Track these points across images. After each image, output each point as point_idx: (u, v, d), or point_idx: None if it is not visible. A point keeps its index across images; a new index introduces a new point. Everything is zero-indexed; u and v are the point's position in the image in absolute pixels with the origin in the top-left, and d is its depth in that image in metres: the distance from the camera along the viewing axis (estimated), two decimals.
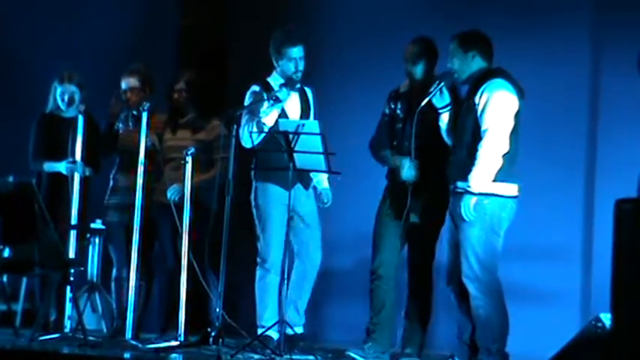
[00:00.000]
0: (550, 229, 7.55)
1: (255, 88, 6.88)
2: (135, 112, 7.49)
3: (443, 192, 6.37)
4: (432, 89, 6.32)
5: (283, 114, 6.81)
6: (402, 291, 6.67)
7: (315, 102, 6.97)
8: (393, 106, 6.74)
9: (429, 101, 6.35)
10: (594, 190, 7.59)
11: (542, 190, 7.51)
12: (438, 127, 6.42)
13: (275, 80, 6.87)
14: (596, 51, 7.62)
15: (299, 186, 6.76)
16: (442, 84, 6.32)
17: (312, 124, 6.52)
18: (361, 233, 6.78)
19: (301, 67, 6.82)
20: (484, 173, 6.10)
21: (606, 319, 5.93)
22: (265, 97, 6.76)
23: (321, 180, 6.91)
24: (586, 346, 5.89)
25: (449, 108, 6.36)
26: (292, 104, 6.88)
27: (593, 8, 7.60)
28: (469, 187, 6.11)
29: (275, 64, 6.86)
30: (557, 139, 7.57)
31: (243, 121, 6.78)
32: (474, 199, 6.11)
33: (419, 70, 6.61)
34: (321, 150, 6.47)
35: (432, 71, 6.64)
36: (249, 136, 6.72)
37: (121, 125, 7.52)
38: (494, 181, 6.14)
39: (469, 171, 6.11)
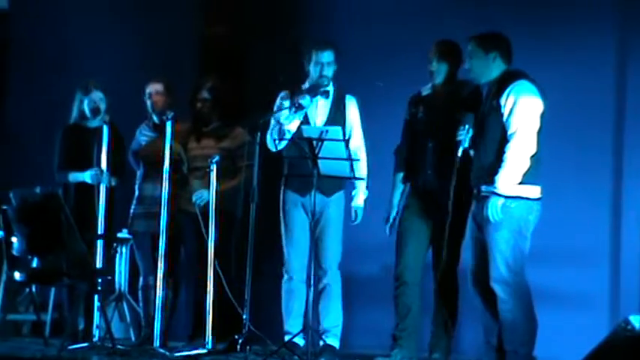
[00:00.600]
0: (578, 232, 7.51)
1: (283, 93, 6.89)
2: (156, 119, 7.54)
3: (465, 194, 6.35)
4: (460, 137, 6.26)
5: (305, 121, 6.80)
6: (427, 296, 6.65)
7: (355, 111, 6.89)
8: (414, 110, 6.73)
9: (457, 107, 6.31)
10: (622, 192, 7.55)
11: (570, 193, 7.47)
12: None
13: (306, 87, 6.87)
14: (622, 51, 7.58)
15: (317, 193, 6.72)
16: (468, 126, 6.29)
17: (336, 130, 6.51)
18: (385, 239, 6.76)
19: (327, 72, 6.81)
20: (512, 175, 6.08)
21: (636, 321, 5.89)
22: (289, 103, 6.77)
23: (357, 196, 6.88)
24: (615, 349, 5.85)
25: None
26: (319, 111, 6.87)
27: (618, 7, 7.56)
28: (496, 189, 6.09)
29: (305, 69, 6.87)
30: (584, 141, 7.53)
31: (270, 126, 6.80)
32: (500, 200, 6.08)
33: (442, 72, 6.60)
34: (344, 156, 6.46)
35: (456, 73, 6.63)
36: (272, 142, 6.75)
37: (142, 138, 7.57)
38: (520, 183, 6.11)
39: (495, 174, 6.09)
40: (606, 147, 7.59)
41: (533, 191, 6.17)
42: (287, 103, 6.79)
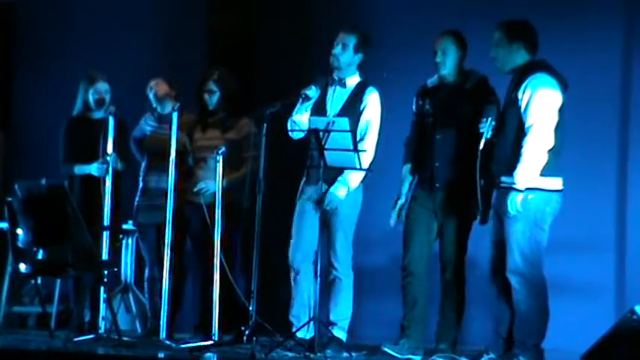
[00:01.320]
0: (583, 222, 7.51)
1: (307, 87, 6.82)
2: (159, 110, 7.54)
3: (473, 186, 6.35)
4: (483, 128, 6.25)
5: (322, 111, 6.78)
6: (434, 287, 6.66)
7: (374, 104, 6.76)
8: (421, 102, 6.72)
9: (463, 98, 6.30)
10: (627, 182, 7.56)
11: (575, 183, 7.44)
12: (468, 121, 6.40)
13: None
14: (628, 42, 7.59)
15: (325, 185, 6.70)
16: (490, 119, 6.27)
17: (342, 121, 6.49)
18: (392, 230, 6.76)
19: (335, 50, 6.72)
20: (529, 170, 6.07)
21: None
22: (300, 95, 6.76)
23: (339, 187, 6.71)
24: (622, 339, 5.87)
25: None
26: (335, 101, 6.84)
27: None
28: (514, 183, 6.08)
29: None
30: (588, 130, 7.52)
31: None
32: (520, 195, 6.07)
33: (449, 62, 6.59)
34: (351, 147, 6.45)
35: (462, 64, 6.62)
36: (290, 133, 6.77)
37: (147, 127, 7.57)
38: (539, 175, 6.10)
39: (514, 166, 6.08)
40: (611, 137, 7.60)
41: (553, 183, 6.16)
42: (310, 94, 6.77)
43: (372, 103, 6.79)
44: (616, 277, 7.51)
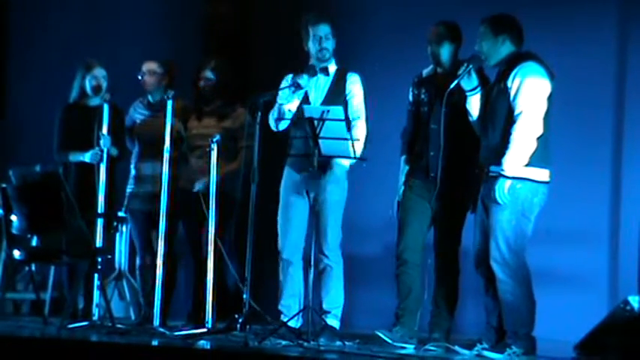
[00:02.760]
0: (577, 212, 7.53)
1: (288, 76, 6.86)
2: (150, 98, 7.53)
3: (469, 176, 6.36)
4: (460, 71, 6.30)
5: (305, 99, 6.79)
6: (429, 276, 6.66)
7: (358, 88, 6.81)
8: (416, 92, 6.72)
9: (457, 83, 6.31)
10: (621, 173, 7.56)
11: (569, 173, 7.47)
12: (464, 110, 6.40)
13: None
14: (623, 29, 7.58)
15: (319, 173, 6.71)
16: (470, 66, 6.29)
17: (337, 110, 6.50)
18: (387, 219, 6.77)
19: (326, 45, 6.78)
20: (518, 156, 6.08)
21: (634, 301, 5.93)
22: (289, 83, 6.77)
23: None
24: (614, 329, 5.88)
25: (477, 90, 6.33)
26: (318, 89, 6.86)
27: None
28: (503, 170, 6.09)
29: (305, 47, 6.85)
30: (583, 120, 7.54)
31: (275, 106, 6.79)
32: (508, 182, 6.09)
33: (443, 53, 6.59)
34: (345, 136, 6.46)
35: (457, 54, 6.63)
36: (273, 122, 6.76)
37: (137, 115, 7.57)
38: (527, 165, 6.11)
39: (502, 155, 6.10)
40: (606, 127, 7.61)
41: (541, 174, 6.17)
42: (286, 83, 6.78)
43: (356, 87, 6.83)
44: (609, 268, 7.53)
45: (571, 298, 7.42)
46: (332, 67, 6.89)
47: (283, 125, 6.79)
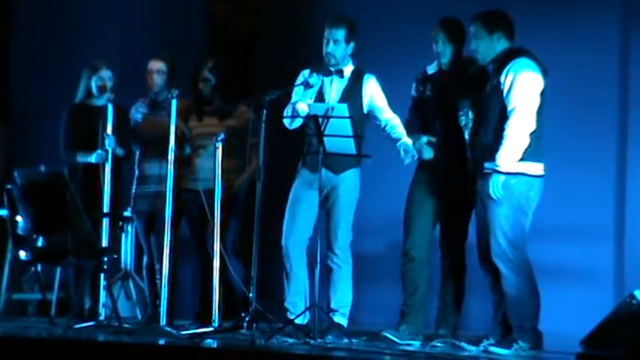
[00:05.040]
0: (583, 207, 7.54)
1: (305, 71, 6.85)
2: (153, 97, 7.54)
3: (474, 172, 6.37)
4: (462, 122, 6.33)
5: (320, 99, 6.78)
6: (434, 272, 6.67)
7: (376, 89, 6.79)
8: (421, 89, 6.72)
9: (463, 85, 6.31)
10: (626, 167, 7.57)
11: (575, 168, 7.50)
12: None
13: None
14: (626, 26, 7.58)
15: (326, 171, 6.71)
16: (465, 110, 6.31)
17: (342, 108, 6.50)
18: (393, 216, 6.77)
19: (330, 49, 6.76)
20: (512, 152, 6.10)
21: None
22: (301, 81, 6.76)
23: (404, 137, 6.68)
24: (621, 323, 5.88)
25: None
26: (334, 91, 6.84)
27: None
28: (497, 166, 6.11)
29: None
30: (588, 116, 7.55)
31: (289, 104, 6.79)
32: (502, 177, 6.10)
33: (448, 52, 6.59)
34: (350, 134, 6.46)
35: (461, 51, 6.63)
36: (287, 120, 6.76)
37: (138, 115, 7.57)
38: (521, 160, 6.13)
39: (496, 151, 6.10)
40: (611, 123, 7.61)
41: (535, 168, 6.18)
42: (300, 80, 6.78)
43: (373, 88, 6.81)
44: (615, 262, 7.54)
45: (577, 293, 7.43)
46: (349, 68, 6.87)
47: (296, 124, 6.78)
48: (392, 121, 6.74)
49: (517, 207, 6.16)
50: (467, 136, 6.38)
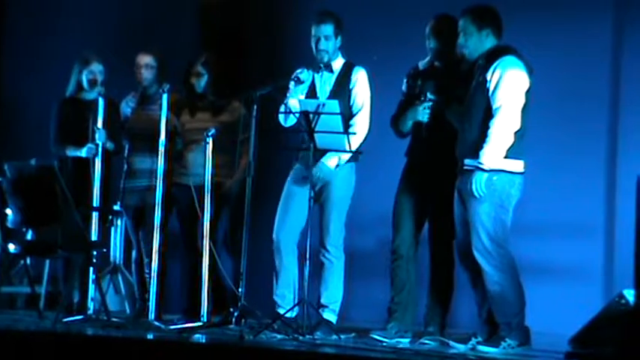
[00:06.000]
0: (572, 205, 7.54)
1: (299, 69, 6.84)
2: (142, 91, 7.52)
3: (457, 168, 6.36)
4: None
5: (313, 95, 6.78)
6: (423, 270, 6.66)
7: (363, 82, 6.79)
8: (412, 84, 6.72)
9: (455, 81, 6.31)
10: (616, 166, 7.57)
11: (565, 166, 7.49)
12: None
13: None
14: (618, 24, 7.58)
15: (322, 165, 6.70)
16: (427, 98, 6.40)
17: (332, 104, 6.50)
18: (382, 213, 6.77)
19: (323, 46, 6.77)
20: (496, 150, 6.09)
21: (630, 295, 5.92)
22: (292, 77, 6.76)
23: (330, 158, 6.70)
24: (610, 323, 5.88)
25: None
26: (325, 85, 6.83)
27: None
28: (480, 163, 6.10)
29: (311, 43, 6.84)
30: (578, 113, 7.54)
31: (284, 101, 6.78)
32: (485, 175, 6.09)
33: (440, 49, 6.57)
34: (341, 130, 6.45)
35: (454, 49, 6.60)
36: (282, 117, 6.76)
37: (128, 109, 7.56)
38: (503, 157, 6.12)
39: (480, 148, 6.10)
40: (601, 120, 7.61)
41: (516, 165, 6.18)
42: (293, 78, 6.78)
43: (361, 80, 6.82)
44: (605, 261, 7.53)
45: (566, 291, 7.43)
46: (339, 62, 6.87)
47: (291, 121, 6.78)
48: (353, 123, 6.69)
49: (499, 204, 6.15)
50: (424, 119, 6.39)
